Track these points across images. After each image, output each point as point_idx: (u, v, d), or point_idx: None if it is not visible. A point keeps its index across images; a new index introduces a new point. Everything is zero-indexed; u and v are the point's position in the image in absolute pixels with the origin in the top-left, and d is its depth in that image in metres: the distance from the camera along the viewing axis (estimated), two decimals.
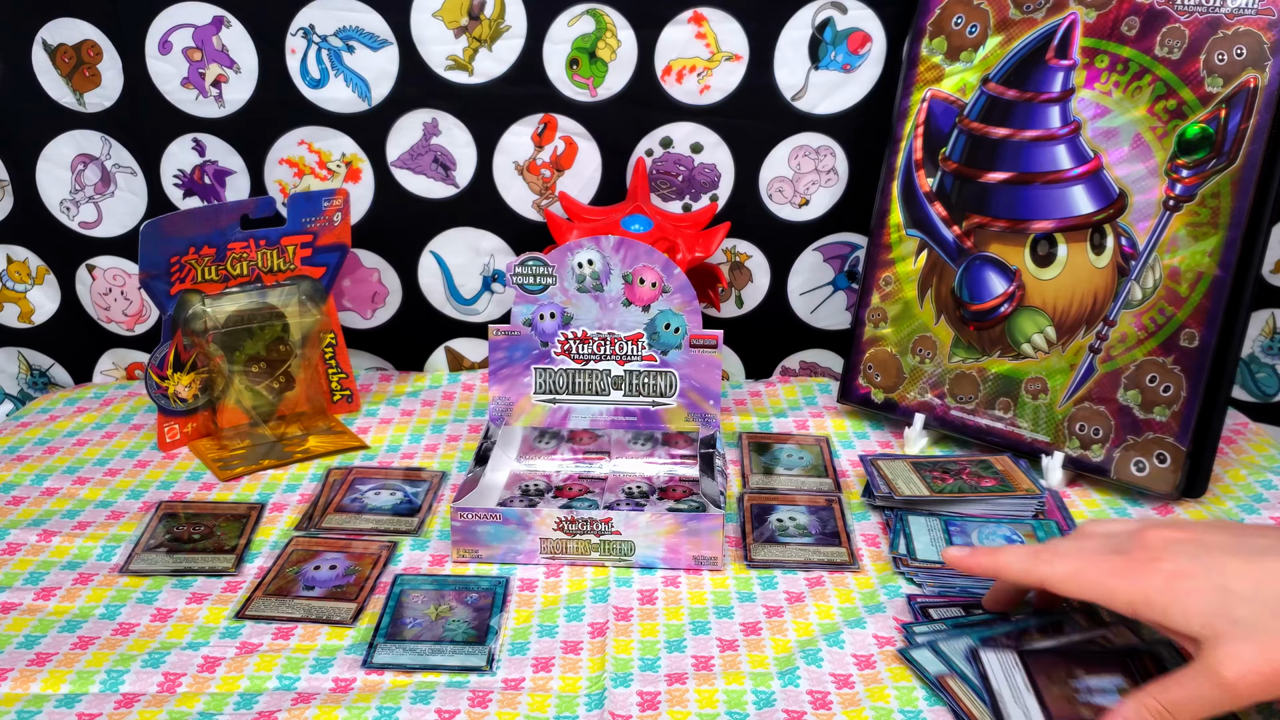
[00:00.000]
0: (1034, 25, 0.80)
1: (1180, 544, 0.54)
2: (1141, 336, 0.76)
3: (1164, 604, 0.52)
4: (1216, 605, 0.50)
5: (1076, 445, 0.79)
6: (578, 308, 0.76)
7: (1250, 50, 0.71)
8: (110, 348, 1.03)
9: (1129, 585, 0.53)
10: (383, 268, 0.99)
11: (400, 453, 0.87)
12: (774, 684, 0.59)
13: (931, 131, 0.85)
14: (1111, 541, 0.56)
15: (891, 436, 0.88)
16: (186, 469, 0.85)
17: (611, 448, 0.82)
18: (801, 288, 0.98)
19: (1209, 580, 0.51)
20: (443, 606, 0.66)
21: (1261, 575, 0.51)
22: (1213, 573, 0.51)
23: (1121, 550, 0.55)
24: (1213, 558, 0.52)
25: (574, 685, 0.60)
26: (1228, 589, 0.50)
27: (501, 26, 0.90)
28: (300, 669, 0.61)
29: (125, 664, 0.61)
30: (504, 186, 0.95)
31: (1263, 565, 0.51)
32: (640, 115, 0.92)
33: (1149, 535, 0.55)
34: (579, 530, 0.70)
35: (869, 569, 0.70)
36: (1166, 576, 0.52)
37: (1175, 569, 0.52)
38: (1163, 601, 0.52)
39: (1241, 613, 0.50)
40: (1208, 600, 0.51)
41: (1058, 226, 0.79)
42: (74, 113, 0.94)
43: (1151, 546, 0.54)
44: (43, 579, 0.70)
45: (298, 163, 0.95)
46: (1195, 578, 0.51)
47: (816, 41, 0.90)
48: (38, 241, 0.99)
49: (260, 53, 0.91)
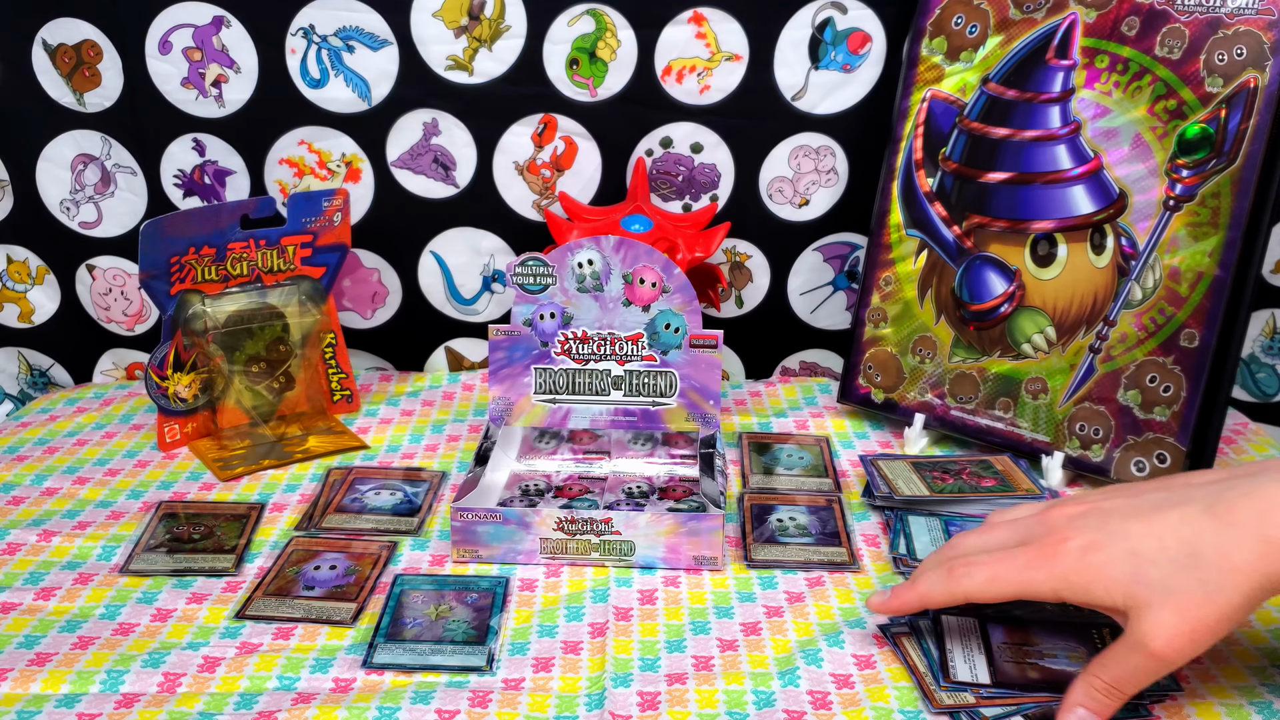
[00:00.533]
0: (1034, 25, 0.80)
1: (1083, 517, 0.54)
2: (1141, 336, 0.76)
3: (1084, 583, 0.52)
4: (1130, 572, 0.51)
5: (1076, 445, 0.79)
6: (578, 308, 0.76)
7: (1250, 50, 0.71)
8: (110, 348, 1.03)
9: (1045, 574, 0.54)
10: (383, 268, 0.99)
11: (400, 453, 0.87)
12: (774, 684, 0.59)
13: (931, 131, 0.85)
14: (1019, 530, 0.57)
15: (891, 436, 0.88)
16: (186, 469, 0.85)
17: (611, 448, 0.82)
18: (801, 288, 0.98)
19: (1117, 548, 0.52)
20: (443, 606, 0.66)
21: (1163, 530, 0.52)
22: (1118, 539, 0.52)
23: (1030, 538, 0.55)
24: (1115, 524, 0.53)
25: (574, 685, 0.60)
26: (1136, 552, 0.52)
27: (501, 26, 0.90)
28: (300, 669, 0.61)
29: (125, 664, 0.61)
30: (504, 186, 0.95)
31: (1162, 520, 0.52)
32: (640, 115, 0.92)
33: (1052, 515, 0.56)
34: (579, 530, 0.70)
35: (869, 569, 0.70)
36: (1078, 553, 0.53)
37: (1084, 543, 0.53)
38: (1082, 581, 0.52)
39: (1153, 575, 0.51)
40: (1120, 569, 0.51)
41: (1058, 226, 0.79)
42: (74, 113, 0.94)
43: (1057, 527, 0.55)
44: (43, 579, 0.70)
45: (298, 163, 0.95)
46: (1104, 548, 0.52)
47: (816, 41, 0.90)
48: (38, 241, 0.99)
49: (260, 53, 0.91)
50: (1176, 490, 0.54)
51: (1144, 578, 0.51)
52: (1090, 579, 0.52)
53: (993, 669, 0.57)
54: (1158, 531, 0.52)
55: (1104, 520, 0.54)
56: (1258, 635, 0.62)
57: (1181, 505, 0.52)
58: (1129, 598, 0.51)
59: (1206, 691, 0.57)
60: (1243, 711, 0.55)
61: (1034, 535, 0.55)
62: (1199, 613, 0.50)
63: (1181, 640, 0.50)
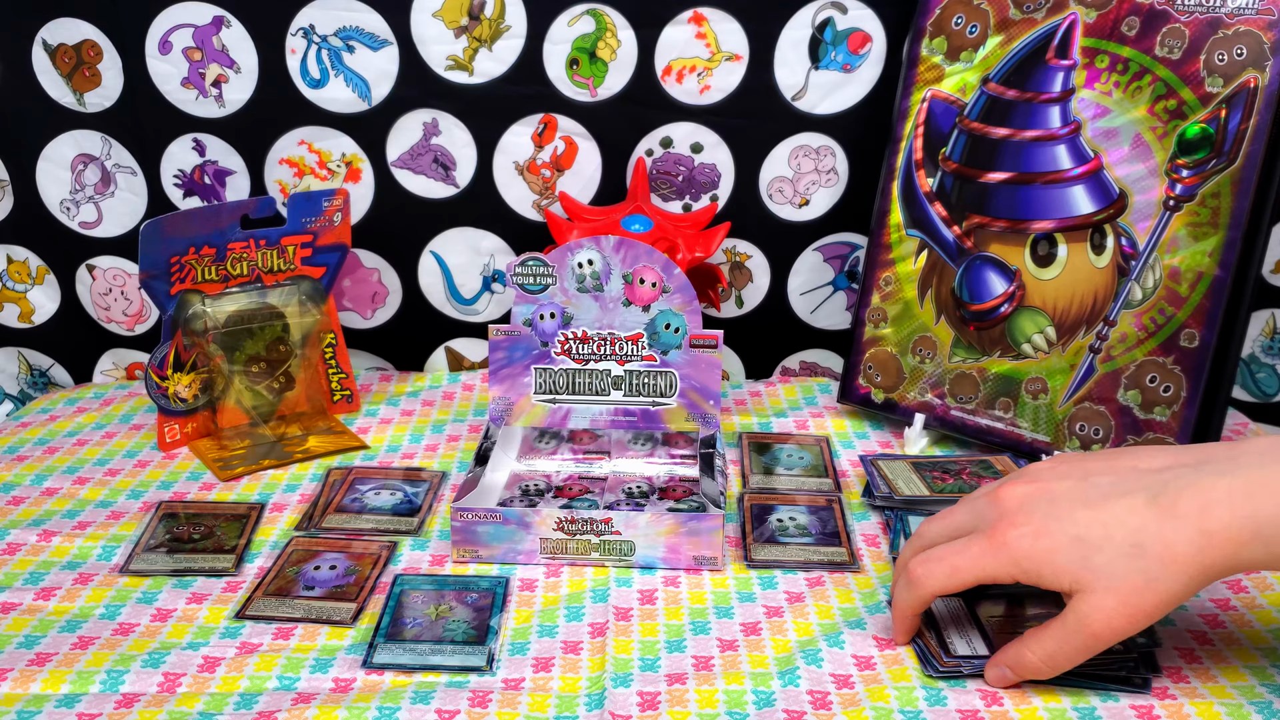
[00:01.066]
0: (1034, 25, 0.80)
1: (1034, 501, 0.56)
2: (1141, 336, 0.76)
3: (1034, 567, 0.55)
4: (1077, 558, 0.54)
5: (1077, 445, 0.79)
6: (578, 308, 0.76)
7: (1250, 50, 0.71)
8: (110, 348, 1.03)
9: (999, 561, 0.56)
10: (383, 268, 0.99)
11: (400, 453, 0.87)
12: (774, 684, 0.59)
13: (931, 131, 0.85)
14: (974, 511, 0.59)
15: (891, 436, 0.88)
16: (186, 469, 0.85)
17: (611, 448, 0.82)
18: (801, 288, 0.98)
19: (1064, 534, 0.54)
20: (443, 606, 0.66)
21: (1108, 519, 0.54)
22: (1065, 524, 0.55)
23: (983, 522, 0.58)
24: (1062, 509, 0.55)
25: (574, 685, 0.60)
26: (1082, 539, 0.54)
27: (501, 26, 0.90)
28: (300, 669, 0.61)
29: (125, 664, 0.61)
30: (504, 186, 0.95)
31: (1108, 509, 0.54)
32: (640, 115, 0.93)
33: (1003, 494, 0.58)
34: (579, 530, 0.70)
35: (869, 569, 0.70)
36: (1029, 540, 0.55)
37: (1033, 530, 0.55)
38: (1033, 565, 0.55)
39: (1098, 561, 0.53)
40: (1067, 556, 0.54)
41: (1058, 226, 0.79)
42: (74, 113, 0.94)
43: (1007, 510, 0.57)
44: (43, 579, 0.70)
45: (298, 163, 0.95)
46: (1052, 535, 0.55)
47: (816, 41, 0.90)
48: (38, 241, 0.99)
49: (260, 53, 0.91)
50: (1124, 475, 0.56)
51: (1089, 564, 0.53)
52: (1040, 563, 0.55)
53: (988, 641, 0.60)
54: (1103, 520, 0.54)
55: (1052, 505, 0.56)
56: (1258, 635, 0.62)
57: (1127, 493, 0.54)
58: (1075, 582, 0.54)
59: (1206, 691, 0.57)
60: (1243, 712, 0.55)
61: (986, 519, 0.57)
62: (1139, 599, 0.52)
63: (1120, 623, 0.53)
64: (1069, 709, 0.56)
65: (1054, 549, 0.54)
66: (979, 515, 0.58)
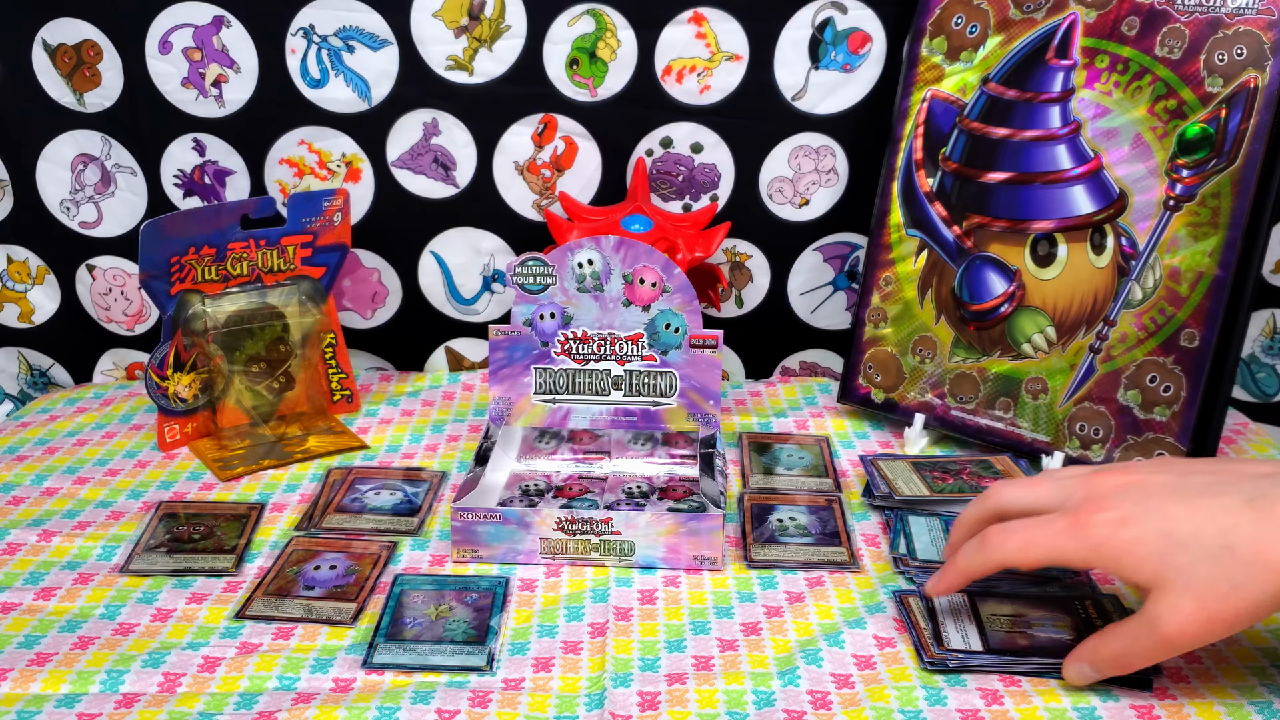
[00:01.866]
0: (1034, 25, 0.80)
1: (1126, 489, 0.54)
2: (1142, 336, 0.76)
3: (1114, 555, 0.53)
4: (1161, 552, 0.51)
5: (1077, 445, 0.79)
6: (578, 308, 0.76)
7: (1250, 50, 0.71)
8: (110, 348, 1.03)
9: (1078, 543, 0.54)
10: (383, 268, 0.99)
11: (400, 453, 0.87)
12: (774, 684, 0.59)
13: (931, 131, 0.85)
14: (1062, 489, 0.57)
15: (891, 436, 0.88)
16: (186, 469, 0.85)
17: (611, 448, 0.82)
18: (801, 288, 0.98)
19: (1152, 526, 0.52)
20: (443, 606, 0.66)
21: (1200, 516, 0.51)
22: (1155, 517, 0.52)
23: (1069, 502, 0.55)
24: (1155, 501, 0.53)
25: (574, 685, 0.60)
26: (1170, 533, 0.51)
27: (501, 26, 0.90)
28: (300, 669, 0.61)
29: (125, 664, 0.61)
30: (504, 186, 0.95)
31: (1202, 505, 0.52)
32: (640, 115, 0.92)
33: (1096, 481, 0.55)
34: (579, 530, 0.70)
35: (869, 569, 0.70)
36: (1113, 526, 0.53)
37: (1120, 516, 0.53)
38: (1113, 553, 0.53)
39: (1181, 559, 0.51)
40: (1151, 547, 0.52)
41: (1058, 226, 0.79)
42: (74, 113, 0.94)
43: (1097, 495, 0.54)
44: (43, 579, 0.70)
45: (298, 163, 0.95)
46: (1139, 524, 0.52)
47: (816, 41, 0.90)
48: (38, 241, 0.99)
49: (260, 53, 0.91)
50: (1224, 476, 0.53)
51: (1173, 560, 0.51)
52: (1121, 552, 0.52)
53: (984, 638, 0.60)
54: (1196, 516, 0.51)
55: (1145, 496, 0.53)
56: (1258, 635, 0.62)
57: (1225, 494, 0.52)
58: (1155, 577, 0.51)
59: (1206, 691, 0.57)
60: (1243, 711, 0.55)
61: (1074, 499, 0.55)
62: (1219, 605, 0.50)
63: (1195, 628, 0.50)
64: (1069, 709, 0.56)
65: (1138, 539, 0.52)
66: (1066, 494, 0.56)
